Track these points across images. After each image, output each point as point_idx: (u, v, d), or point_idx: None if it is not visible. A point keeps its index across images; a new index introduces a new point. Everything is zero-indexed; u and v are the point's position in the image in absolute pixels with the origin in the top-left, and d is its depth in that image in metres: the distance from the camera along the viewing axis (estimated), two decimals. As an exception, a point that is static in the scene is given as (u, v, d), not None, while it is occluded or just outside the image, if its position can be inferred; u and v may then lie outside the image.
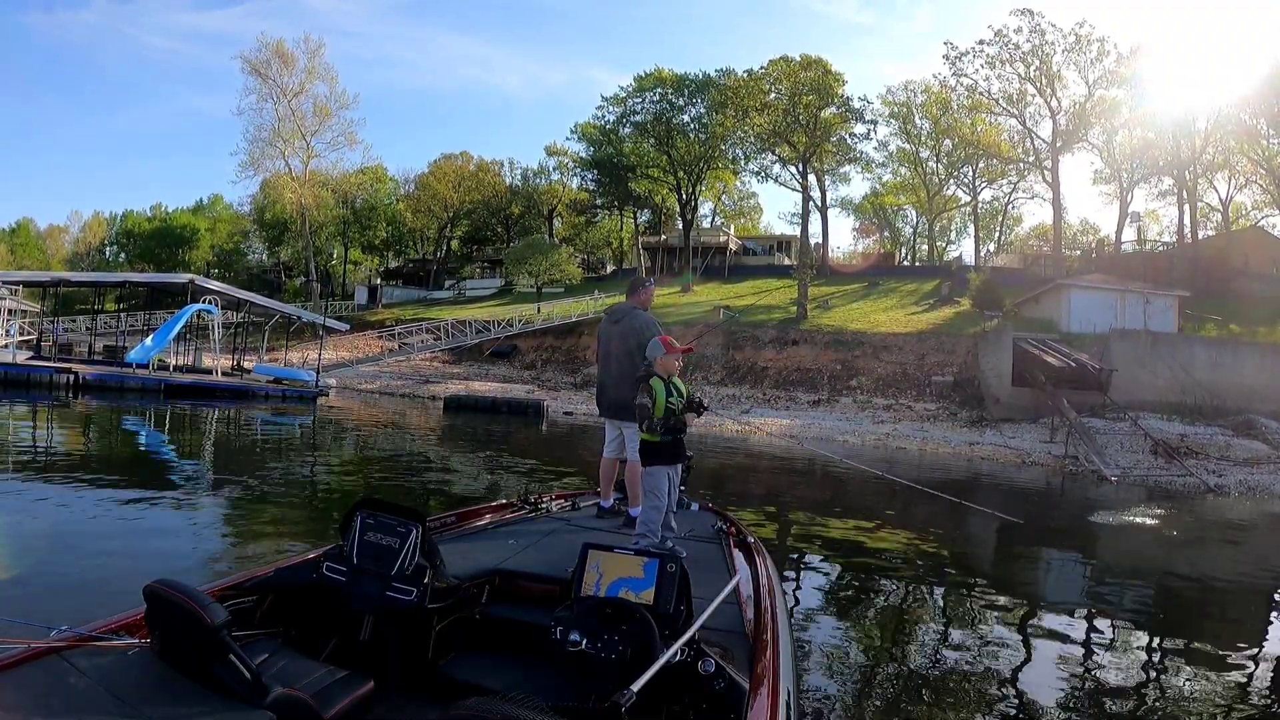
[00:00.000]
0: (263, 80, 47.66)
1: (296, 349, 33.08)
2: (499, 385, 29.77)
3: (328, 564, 2.67)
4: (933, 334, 28.43)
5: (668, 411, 3.81)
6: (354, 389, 28.85)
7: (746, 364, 29.77)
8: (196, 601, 1.94)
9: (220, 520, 7.50)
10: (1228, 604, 6.91)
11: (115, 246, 76.69)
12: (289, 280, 62.49)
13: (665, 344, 3.93)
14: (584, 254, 57.86)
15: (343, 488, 10.30)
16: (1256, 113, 32.85)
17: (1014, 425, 20.38)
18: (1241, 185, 41.53)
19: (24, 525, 6.40)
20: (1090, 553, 9.08)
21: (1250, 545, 10.28)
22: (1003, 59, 37.80)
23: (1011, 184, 50.63)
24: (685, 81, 48.51)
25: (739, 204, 64.62)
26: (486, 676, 2.49)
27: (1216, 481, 14.74)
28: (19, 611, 2.33)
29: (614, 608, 2.37)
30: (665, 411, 3.80)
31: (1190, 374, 20.42)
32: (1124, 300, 25.80)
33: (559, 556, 3.31)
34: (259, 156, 48.69)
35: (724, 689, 2.16)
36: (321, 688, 2.11)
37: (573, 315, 36.02)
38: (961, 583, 6.97)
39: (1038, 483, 14.77)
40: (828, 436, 19.93)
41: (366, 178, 57.50)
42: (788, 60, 43.46)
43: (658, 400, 3.79)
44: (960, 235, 62.02)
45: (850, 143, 46.55)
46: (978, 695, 4.22)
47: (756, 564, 3.67)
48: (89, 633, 2.04)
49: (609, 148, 51.49)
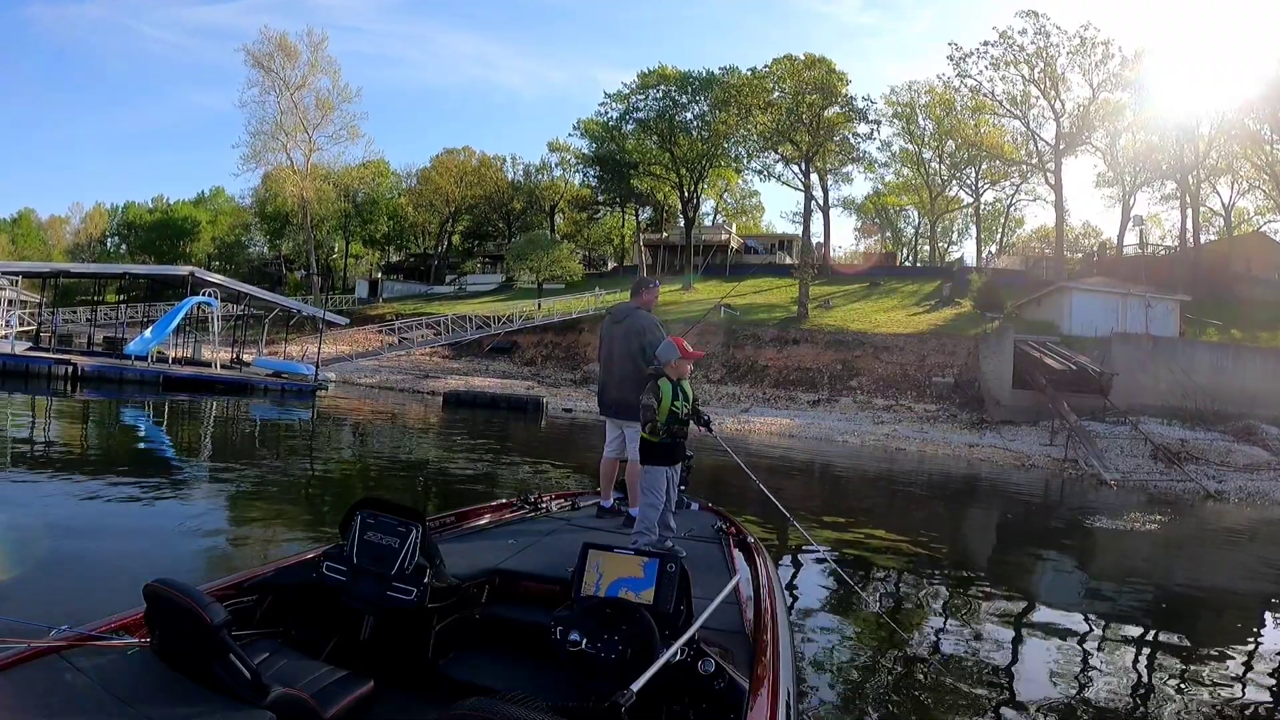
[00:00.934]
0: (265, 73, 47.74)
1: (296, 342, 33.07)
2: (499, 381, 29.79)
3: (328, 564, 2.66)
4: (933, 335, 28.41)
5: (671, 415, 3.82)
6: (353, 383, 28.84)
7: (747, 363, 29.78)
8: (196, 601, 1.93)
9: (220, 518, 7.49)
10: (1226, 608, 6.92)
11: (116, 238, 76.73)
12: (290, 273, 62.48)
13: (679, 347, 3.95)
14: (585, 251, 57.84)
15: (342, 485, 10.29)
16: (1260, 118, 32.78)
17: (1014, 428, 20.38)
18: (1244, 190, 41.57)
19: (23, 523, 6.38)
20: (1089, 556, 9.08)
21: (1249, 551, 10.27)
22: (1007, 60, 37.74)
23: (1014, 186, 50.68)
24: (689, 79, 48.44)
25: (741, 202, 64.57)
26: (486, 676, 2.49)
27: (1216, 487, 14.72)
28: (19, 611, 2.33)
29: (614, 608, 2.37)
30: (669, 416, 3.81)
31: (1191, 378, 20.42)
32: (1125, 304, 25.77)
33: (559, 556, 3.31)
34: (261, 149, 48.81)
35: (724, 689, 2.17)
36: (321, 688, 2.11)
37: (573, 312, 36.00)
38: (961, 583, 6.98)
39: (1037, 485, 14.77)
40: (827, 437, 19.93)
41: (368, 172, 57.51)
42: (791, 59, 43.42)
43: (663, 402, 3.81)
44: (962, 236, 62.18)
45: (853, 142, 46.55)
46: (977, 696, 4.23)
47: (756, 564, 3.67)
48: (89, 632, 2.03)
49: (611, 144, 51.43)
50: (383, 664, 2.51)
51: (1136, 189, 41.59)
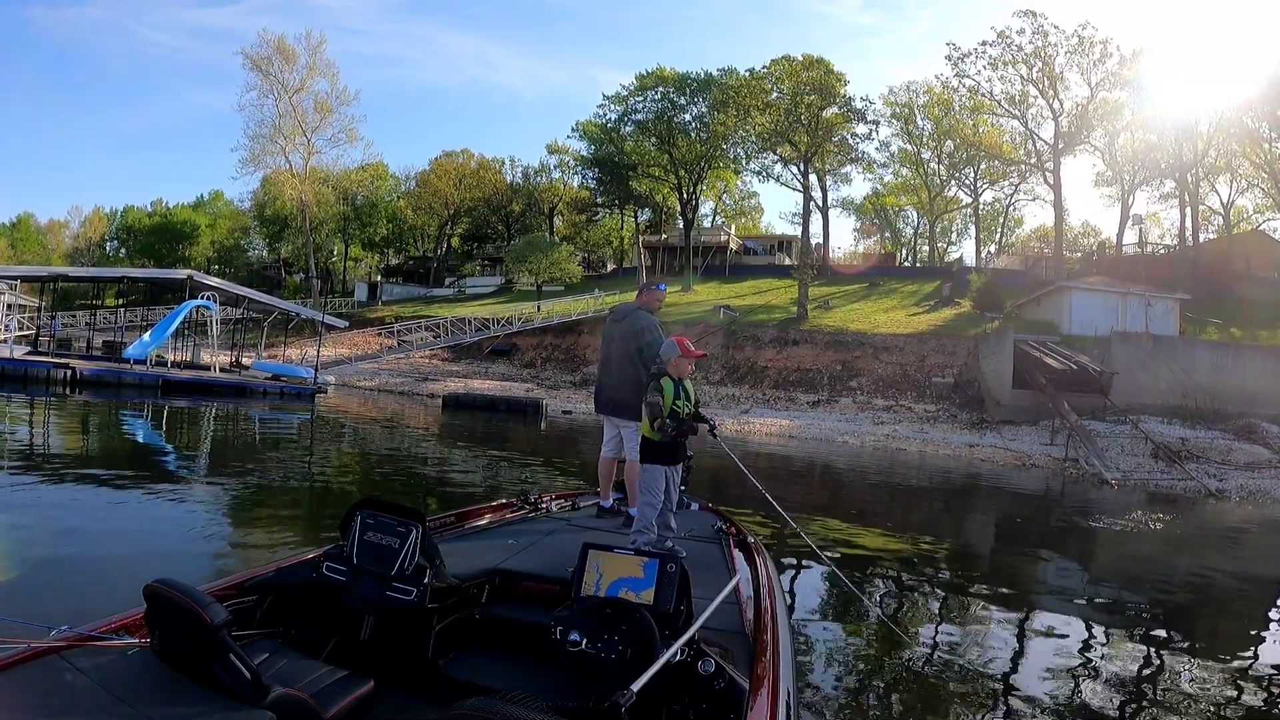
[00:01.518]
0: (264, 76, 47.80)
1: (296, 345, 33.07)
2: (498, 384, 29.78)
3: (328, 564, 2.66)
4: (933, 335, 28.39)
5: (672, 413, 3.83)
6: (353, 386, 28.85)
7: (746, 364, 29.77)
8: (196, 601, 1.94)
9: (219, 519, 7.49)
10: (1227, 608, 6.91)
11: (115, 242, 76.79)
12: (289, 277, 62.52)
13: (681, 346, 3.96)
14: (585, 253, 57.85)
15: (341, 486, 10.28)
16: (1259, 116, 32.81)
17: (1014, 427, 20.37)
18: (1243, 189, 41.64)
19: (22, 524, 6.38)
20: (1090, 555, 9.08)
21: (1251, 550, 10.27)
22: (1005, 60, 37.75)
23: (1013, 185, 50.71)
24: (687, 80, 48.47)
25: (740, 203, 64.65)
26: (486, 676, 2.49)
27: (1218, 486, 14.71)
28: (19, 611, 2.32)
29: (614, 608, 2.37)
30: (670, 413, 3.82)
31: (1191, 377, 20.41)
32: (1125, 303, 25.76)
33: (559, 556, 3.31)
34: (260, 152, 48.86)
35: (724, 689, 2.16)
36: (321, 688, 2.11)
37: (573, 314, 36.01)
38: (961, 583, 6.97)
39: (1038, 485, 14.75)
40: (827, 437, 19.92)
41: (367, 174, 57.55)
42: (790, 60, 43.47)
43: (665, 400, 3.82)
44: (961, 236, 62.19)
45: (852, 143, 46.57)
46: (976, 695, 4.22)
47: (756, 564, 3.67)
48: (89, 633, 2.03)
49: (610, 146, 51.46)
50: (383, 664, 2.51)
51: (1135, 188, 41.62)
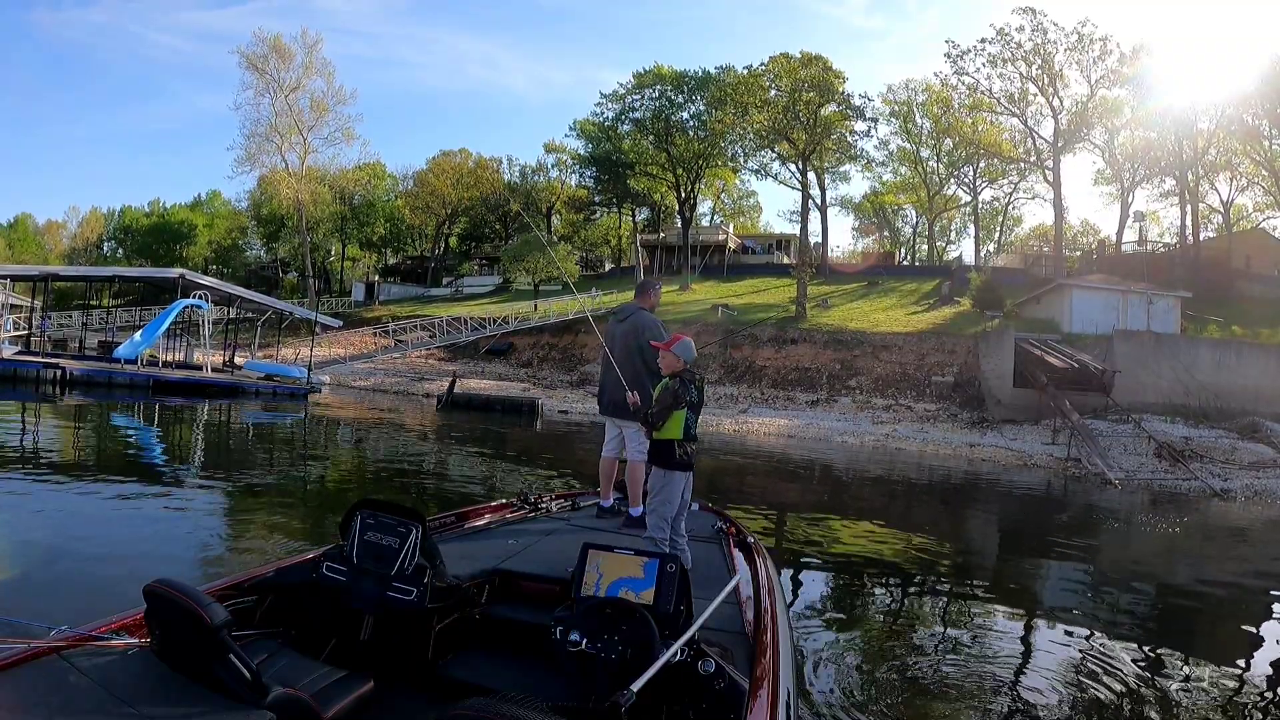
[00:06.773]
0: (260, 75, 47.62)
1: (290, 345, 33.02)
2: (495, 383, 29.76)
3: (328, 564, 2.66)
4: (933, 334, 28.36)
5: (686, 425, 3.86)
6: (348, 386, 28.81)
7: (744, 363, 29.76)
8: (196, 601, 1.93)
9: (218, 520, 7.48)
10: (1231, 609, 6.90)
11: (113, 242, 76.75)
12: (286, 276, 62.46)
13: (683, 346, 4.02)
14: (583, 252, 57.81)
15: (337, 487, 10.28)
16: (1259, 114, 32.77)
17: (1015, 427, 20.35)
18: (1243, 187, 41.58)
19: (21, 525, 6.37)
20: (1093, 556, 9.05)
21: (1256, 550, 10.22)
22: (1004, 58, 37.70)
23: (1012, 184, 50.77)
24: (685, 78, 48.42)
25: (738, 202, 64.64)
26: (486, 676, 2.48)
27: (1222, 485, 14.61)
28: (19, 611, 2.32)
29: (614, 608, 2.37)
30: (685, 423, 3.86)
31: (1194, 376, 20.38)
32: (1126, 301, 25.76)
33: (559, 556, 3.31)
34: (256, 152, 48.70)
35: (724, 689, 2.16)
36: (321, 688, 2.11)
37: (570, 313, 35.94)
38: (961, 584, 6.97)
39: (1039, 485, 14.72)
40: (826, 437, 19.91)
41: (364, 174, 57.44)
42: (788, 57, 43.35)
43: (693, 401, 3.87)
44: (960, 235, 62.22)
45: (850, 141, 46.51)
46: (977, 695, 4.22)
47: (756, 564, 3.67)
48: (89, 633, 2.03)
49: (608, 145, 51.40)
50: (383, 664, 2.50)
51: (1135, 186, 41.60)
